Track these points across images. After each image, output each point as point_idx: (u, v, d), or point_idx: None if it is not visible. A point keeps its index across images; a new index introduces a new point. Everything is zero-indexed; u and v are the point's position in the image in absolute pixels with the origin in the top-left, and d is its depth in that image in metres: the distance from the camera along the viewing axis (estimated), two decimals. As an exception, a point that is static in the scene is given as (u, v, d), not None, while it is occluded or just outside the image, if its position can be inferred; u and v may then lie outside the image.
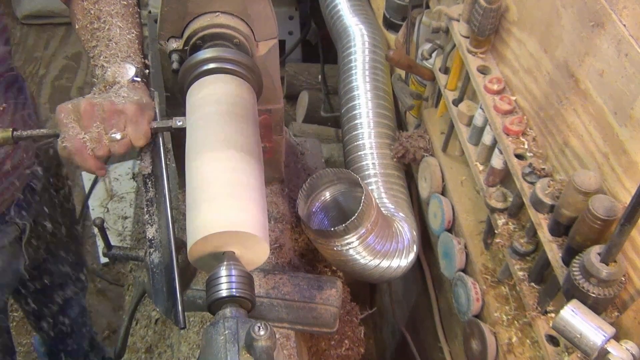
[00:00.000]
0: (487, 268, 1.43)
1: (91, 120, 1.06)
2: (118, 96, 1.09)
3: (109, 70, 1.15)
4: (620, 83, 1.01)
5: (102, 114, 1.07)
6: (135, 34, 1.24)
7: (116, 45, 1.19)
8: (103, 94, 1.11)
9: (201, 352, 0.88)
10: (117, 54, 1.18)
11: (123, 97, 1.09)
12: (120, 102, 1.08)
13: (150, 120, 1.12)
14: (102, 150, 1.07)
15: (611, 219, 0.99)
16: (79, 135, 1.06)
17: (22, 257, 1.60)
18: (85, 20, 1.24)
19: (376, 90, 1.89)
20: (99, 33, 1.22)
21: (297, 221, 1.57)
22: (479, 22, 1.36)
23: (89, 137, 1.06)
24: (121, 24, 1.22)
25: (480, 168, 1.45)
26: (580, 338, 0.98)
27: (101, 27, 1.22)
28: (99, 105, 1.07)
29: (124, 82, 1.13)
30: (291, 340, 1.31)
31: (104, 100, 1.08)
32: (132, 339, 1.77)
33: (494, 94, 1.35)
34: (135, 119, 1.09)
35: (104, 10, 1.23)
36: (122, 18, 1.23)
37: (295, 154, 1.81)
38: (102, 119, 1.07)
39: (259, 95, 1.21)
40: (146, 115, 1.11)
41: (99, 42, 1.20)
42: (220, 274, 0.91)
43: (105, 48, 1.19)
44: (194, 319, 1.41)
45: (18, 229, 1.55)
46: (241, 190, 0.98)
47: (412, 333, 2.03)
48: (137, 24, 1.27)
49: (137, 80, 1.15)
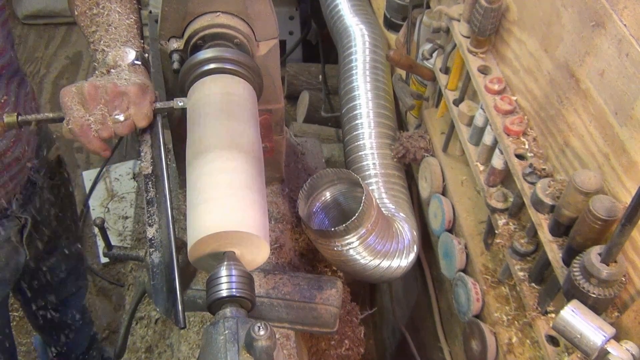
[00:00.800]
0: (488, 268, 1.43)
1: (95, 102, 1.08)
2: (120, 79, 1.11)
3: (110, 54, 1.16)
4: (621, 83, 1.01)
5: (106, 96, 1.09)
6: (133, 19, 1.25)
7: (115, 30, 1.21)
8: (105, 77, 1.13)
9: (201, 352, 0.88)
10: (117, 38, 1.19)
11: (125, 79, 1.11)
12: (122, 84, 1.10)
13: (152, 101, 1.14)
14: (107, 131, 1.09)
15: (612, 219, 0.99)
16: (84, 118, 1.08)
17: (23, 252, 1.61)
18: (84, 6, 1.26)
19: (377, 90, 1.89)
20: (98, 19, 1.24)
21: (298, 221, 1.57)
22: (479, 22, 1.36)
23: (94, 119, 1.08)
24: (120, 9, 1.24)
25: (480, 168, 1.45)
26: (581, 338, 0.98)
27: (100, 13, 1.24)
28: (102, 87, 1.09)
29: (124, 66, 1.15)
30: (291, 340, 1.31)
31: (106, 82, 1.10)
32: (132, 339, 1.77)
33: (495, 94, 1.35)
34: (138, 101, 1.11)
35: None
36: (120, 4, 1.25)
37: (296, 154, 1.81)
38: (105, 101, 1.09)
39: (259, 95, 1.21)
40: (148, 97, 1.13)
41: (98, 27, 1.22)
42: (221, 274, 0.91)
43: (105, 33, 1.21)
44: (194, 319, 1.41)
45: (19, 222, 1.56)
46: (241, 191, 0.98)
47: (412, 333, 2.03)
48: (135, 9, 1.29)
49: (137, 63, 1.17)
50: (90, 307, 2.61)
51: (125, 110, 1.10)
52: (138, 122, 1.12)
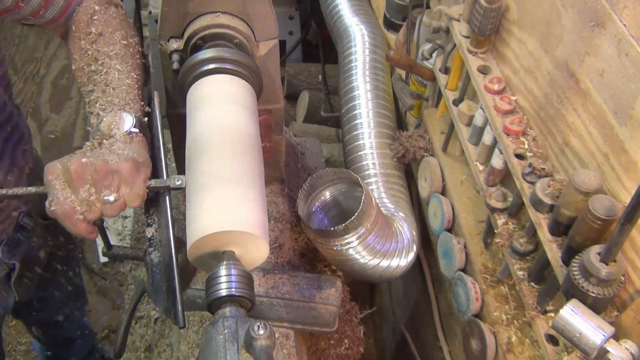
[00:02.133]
0: (487, 268, 1.44)
1: (82, 181, 0.98)
2: (112, 153, 1.01)
3: (105, 120, 1.06)
4: (621, 83, 1.01)
5: (94, 175, 0.99)
6: (135, 78, 1.16)
7: (114, 91, 1.12)
8: (96, 151, 1.02)
9: (200, 351, 0.88)
10: (114, 101, 1.10)
11: (117, 154, 1.01)
12: (114, 160, 1.00)
13: (147, 178, 1.04)
14: (94, 214, 0.99)
15: (611, 219, 0.99)
16: (68, 199, 0.98)
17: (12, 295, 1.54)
18: (82, 61, 1.18)
19: (376, 90, 1.89)
20: (96, 77, 1.14)
21: (297, 221, 1.57)
22: (479, 22, 1.36)
23: (80, 200, 0.98)
24: (120, 66, 1.15)
25: (480, 168, 1.45)
26: (580, 337, 0.98)
27: (98, 70, 1.15)
28: (91, 164, 0.99)
29: (119, 135, 1.05)
30: (291, 339, 1.31)
31: (96, 159, 0.99)
32: (132, 338, 1.77)
33: (494, 93, 1.35)
34: (131, 179, 1.00)
35: (102, 51, 1.17)
36: (121, 60, 1.16)
37: (296, 154, 1.81)
38: (94, 180, 0.99)
39: (259, 95, 1.21)
40: (142, 174, 1.03)
41: (95, 87, 1.13)
42: (220, 274, 0.91)
43: (102, 94, 1.11)
44: (193, 318, 1.41)
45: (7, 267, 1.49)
46: (241, 190, 0.98)
47: (411, 332, 2.03)
48: (137, 65, 1.20)
49: (134, 131, 1.06)
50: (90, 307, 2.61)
51: (116, 190, 1.00)
52: (130, 202, 1.02)
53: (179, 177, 1.05)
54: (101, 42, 1.18)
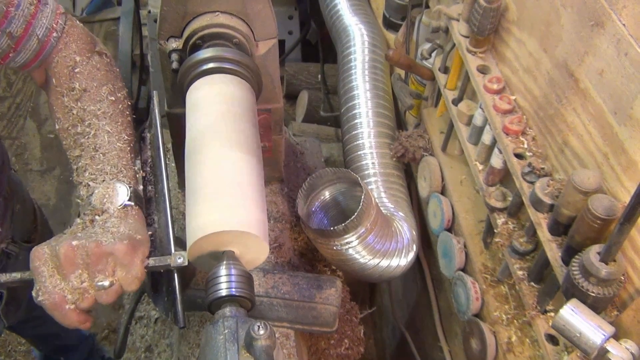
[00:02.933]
0: (487, 267, 1.44)
1: (73, 267, 0.89)
2: (105, 232, 0.92)
3: (96, 192, 0.97)
4: (620, 82, 1.01)
5: (87, 259, 0.89)
6: (126, 139, 1.06)
7: (104, 156, 1.01)
8: (87, 230, 0.93)
9: (201, 352, 0.88)
10: (105, 169, 1.00)
11: (112, 232, 0.92)
12: (108, 241, 0.90)
13: (145, 257, 0.94)
14: (87, 302, 0.90)
15: (610, 219, 0.99)
16: (58, 287, 0.88)
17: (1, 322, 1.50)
18: (67, 121, 1.06)
19: (376, 90, 1.89)
20: (84, 140, 1.03)
21: (297, 220, 1.57)
22: (478, 22, 1.36)
23: (71, 288, 0.89)
24: (109, 127, 1.04)
25: (479, 167, 1.45)
26: (580, 337, 0.98)
27: (85, 132, 1.04)
28: (82, 247, 0.89)
29: (113, 210, 0.95)
30: (291, 339, 1.31)
31: (88, 241, 0.89)
32: (132, 338, 1.77)
33: (494, 93, 1.35)
34: (127, 261, 0.91)
35: (88, 110, 1.06)
36: (110, 119, 1.05)
37: (295, 154, 1.81)
38: (86, 265, 0.89)
39: (258, 94, 1.21)
40: (140, 254, 0.93)
41: (83, 152, 1.02)
42: (220, 274, 0.91)
43: (91, 161, 1.01)
44: (193, 319, 1.41)
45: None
46: (241, 190, 0.98)
47: (411, 332, 2.03)
48: (128, 124, 1.09)
49: (129, 204, 0.98)
50: (90, 307, 2.60)
51: (111, 274, 0.90)
52: (127, 286, 0.92)
53: (180, 253, 0.96)
54: (86, 100, 1.07)
